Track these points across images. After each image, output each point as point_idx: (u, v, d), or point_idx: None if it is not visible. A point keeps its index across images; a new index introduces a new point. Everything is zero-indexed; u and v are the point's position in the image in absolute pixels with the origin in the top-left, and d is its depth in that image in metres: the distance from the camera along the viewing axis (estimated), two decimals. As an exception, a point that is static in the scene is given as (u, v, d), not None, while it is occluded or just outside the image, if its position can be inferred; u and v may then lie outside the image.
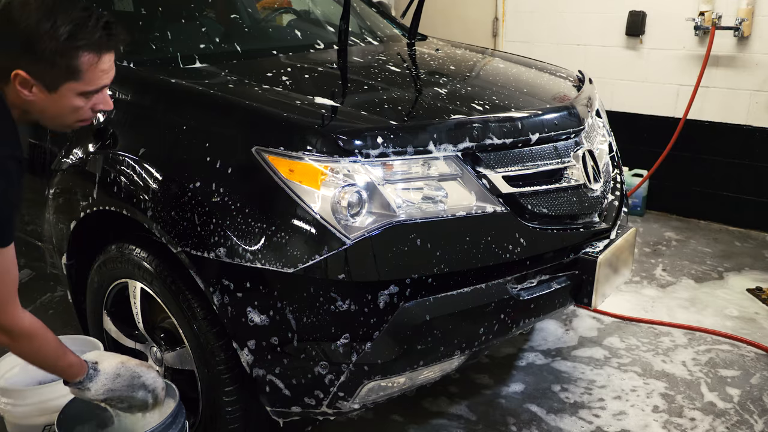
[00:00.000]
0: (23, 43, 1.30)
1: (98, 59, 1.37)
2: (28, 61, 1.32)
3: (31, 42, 1.30)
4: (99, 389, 1.59)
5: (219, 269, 1.65)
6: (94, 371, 1.59)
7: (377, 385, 1.69)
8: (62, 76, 1.35)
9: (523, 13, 4.68)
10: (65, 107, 1.40)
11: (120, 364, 1.64)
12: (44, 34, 1.30)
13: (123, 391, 1.63)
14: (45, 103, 1.38)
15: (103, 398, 1.62)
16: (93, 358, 1.63)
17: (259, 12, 3.06)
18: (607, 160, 2.29)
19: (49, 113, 1.41)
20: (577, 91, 2.32)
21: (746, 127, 3.90)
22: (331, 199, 1.58)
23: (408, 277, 1.62)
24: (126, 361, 1.66)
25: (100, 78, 1.40)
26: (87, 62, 1.35)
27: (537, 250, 1.83)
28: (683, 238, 3.90)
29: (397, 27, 3.09)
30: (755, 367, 2.57)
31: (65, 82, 1.36)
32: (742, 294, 3.17)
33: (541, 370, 2.56)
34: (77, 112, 1.43)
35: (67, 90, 1.37)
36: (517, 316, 1.83)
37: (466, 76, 2.40)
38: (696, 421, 2.26)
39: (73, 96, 1.38)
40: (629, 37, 4.21)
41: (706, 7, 3.83)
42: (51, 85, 1.35)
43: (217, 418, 1.83)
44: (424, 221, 1.65)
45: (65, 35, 1.31)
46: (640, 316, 2.93)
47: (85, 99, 1.41)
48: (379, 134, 1.65)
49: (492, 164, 1.79)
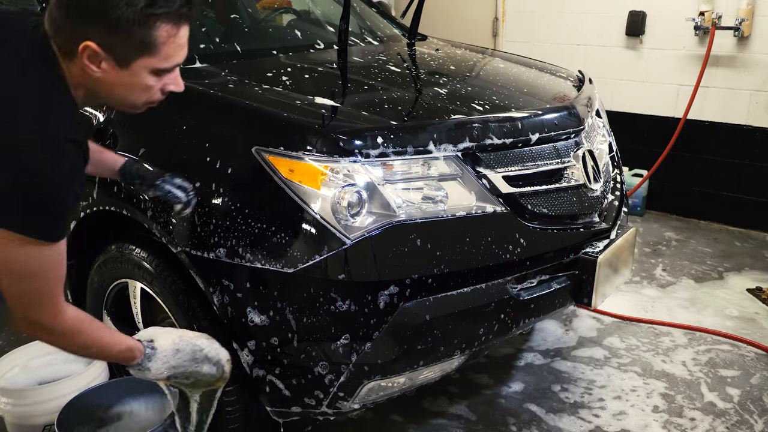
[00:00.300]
0: (96, 10, 1.17)
1: (177, 31, 1.25)
2: (100, 31, 1.18)
3: (105, 9, 1.17)
4: (160, 368, 1.48)
5: (219, 269, 1.65)
6: (151, 350, 1.47)
7: (377, 385, 1.69)
8: (137, 49, 1.22)
9: (523, 13, 4.68)
10: (136, 86, 1.28)
11: (178, 339, 1.52)
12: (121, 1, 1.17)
13: (187, 366, 1.52)
14: (114, 81, 1.25)
15: (166, 376, 1.51)
16: (148, 336, 1.52)
17: (259, 12, 3.06)
18: (607, 160, 2.29)
19: (117, 93, 1.28)
20: (577, 91, 2.32)
21: (746, 127, 3.90)
22: (331, 199, 1.58)
23: (408, 277, 1.62)
24: (183, 334, 1.55)
25: (176, 53, 1.27)
26: (165, 34, 1.23)
27: (537, 250, 1.83)
28: (683, 238, 3.90)
29: (397, 27, 3.09)
30: (755, 367, 2.57)
31: (139, 56, 1.23)
32: (742, 294, 3.17)
33: (541, 370, 2.56)
34: (148, 92, 1.31)
35: (140, 66, 1.25)
36: (517, 316, 1.83)
37: (466, 76, 2.40)
38: (696, 421, 2.26)
39: (145, 74, 1.26)
40: (629, 37, 4.21)
41: (706, 7, 3.83)
42: (123, 61, 1.23)
43: (217, 418, 1.83)
44: (424, 221, 1.65)
45: (143, 2, 1.18)
46: (640, 316, 2.93)
47: (157, 78, 1.29)
48: (379, 134, 1.65)
49: (492, 164, 1.79)
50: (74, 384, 1.89)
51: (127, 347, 1.43)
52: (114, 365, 2.10)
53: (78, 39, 1.19)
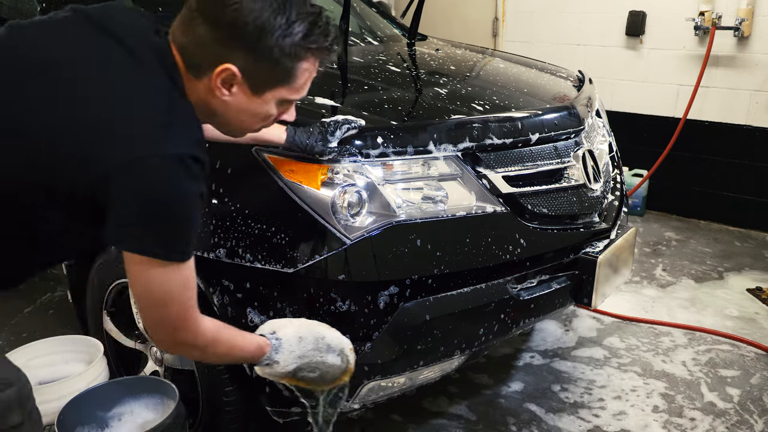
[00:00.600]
0: (248, 35, 1.10)
1: (315, 66, 1.20)
2: (245, 56, 1.12)
3: (258, 36, 1.11)
4: (287, 358, 1.39)
5: (219, 269, 1.65)
6: (276, 341, 1.39)
7: (377, 385, 1.69)
8: (276, 79, 1.17)
9: (523, 13, 4.68)
10: (259, 114, 1.22)
11: (298, 326, 1.44)
12: (277, 29, 1.11)
13: (312, 356, 1.42)
14: (241, 107, 1.19)
15: (294, 368, 1.41)
16: (268, 328, 1.43)
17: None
18: (607, 160, 2.29)
19: (237, 118, 1.22)
20: (577, 91, 2.32)
21: (746, 127, 3.90)
22: (331, 199, 1.58)
23: (408, 277, 1.62)
24: (302, 322, 1.47)
25: (305, 87, 1.22)
26: (306, 68, 1.18)
27: (537, 250, 1.83)
28: (683, 238, 3.90)
29: (397, 27, 3.09)
30: (755, 367, 2.57)
31: (275, 86, 1.18)
32: (742, 294, 3.18)
33: (540, 370, 2.56)
34: (265, 121, 1.25)
35: (272, 95, 1.19)
36: (517, 316, 1.83)
37: (466, 76, 2.40)
38: (696, 421, 2.26)
39: (273, 103, 1.21)
40: (629, 37, 4.21)
41: (706, 7, 3.83)
42: (258, 88, 1.17)
43: (217, 418, 1.83)
44: (424, 221, 1.65)
45: (300, 34, 1.13)
46: (640, 316, 2.93)
47: (280, 108, 1.24)
48: (379, 134, 1.65)
49: (492, 164, 1.79)
50: (74, 384, 1.89)
51: (257, 345, 1.37)
52: (116, 365, 2.10)
53: (218, 60, 1.12)
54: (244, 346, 1.34)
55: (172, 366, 1.96)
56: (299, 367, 1.42)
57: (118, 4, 1.25)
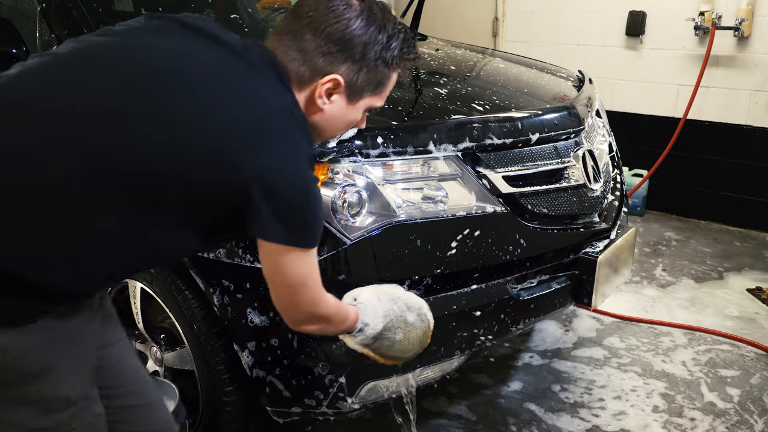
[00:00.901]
0: (355, 48, 1.20)
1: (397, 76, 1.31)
2: (351, 67, 1.21)
3: (364, 50, 1.21)
4: (375, 318, 1.43)
5: (219, 269, 1.65)
6: (361, 304, 1.44)
7: (377, 385, 1.69)
8: (371, 88, 1.26)
9: (523, 13, 4.68)
10: (350, 121, 1.30)
11: (374, 289, 1.49)
12: (378, 43, 1.22)
13: (393, 312, 1.45)
14: (336, 114, 1.26)
15: (381, 328, 1.43)
16: (349, 299, 1.47)
17: (259, 12, 3.06)
18: (607, 160, 2.29)
19: (331, 124, 1.29)
20: (577, 91, 2.32)
21: (746, 127, 3.90)
22: (331, 199, 1.58)
23: (408, 277, 1.62)
24: (376, 286, 1.52)
25: (386, 95, 1.32)
26: (395, 77, 1.30)
27: (537, 250, 1.83)
28: (683, 238, 3.90)
29: (397, 27, 3.08)
30: (755, 367, 2.57)
31: (368, 94, 1.27)
32: (742, 294, 3.18)
33: (540, 370, 2.56)
34: (349, 127, 1.35)
35: (363, 103, 1.28)
36: (517, 316, 1.83)
37: (466, 76, 2.40)
38: (696, 421, 2.26)
39: (361, 110, 1.29)
40: (629, 37, 4.21)
41: (706, 7, 3.83)
42: (354, 97, 1.25)
43: (217, 418, 1.83)
44: (424, 221, 1.65)
45: (398, 47, 1.25)
46: (640, 316, 2.93)
47: (363, 115, 1.32)
48: (379, 134, 1.64)
49: (492, 164, 1.79)
50: (74, 384, 1.89)
51: (354, 311, 1.42)
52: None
53: (324, 70, 1.21)
54: (349, 314, 1.40)
55: (172, 366, 1.96)
56: (385, 327, 1.44)
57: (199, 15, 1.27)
